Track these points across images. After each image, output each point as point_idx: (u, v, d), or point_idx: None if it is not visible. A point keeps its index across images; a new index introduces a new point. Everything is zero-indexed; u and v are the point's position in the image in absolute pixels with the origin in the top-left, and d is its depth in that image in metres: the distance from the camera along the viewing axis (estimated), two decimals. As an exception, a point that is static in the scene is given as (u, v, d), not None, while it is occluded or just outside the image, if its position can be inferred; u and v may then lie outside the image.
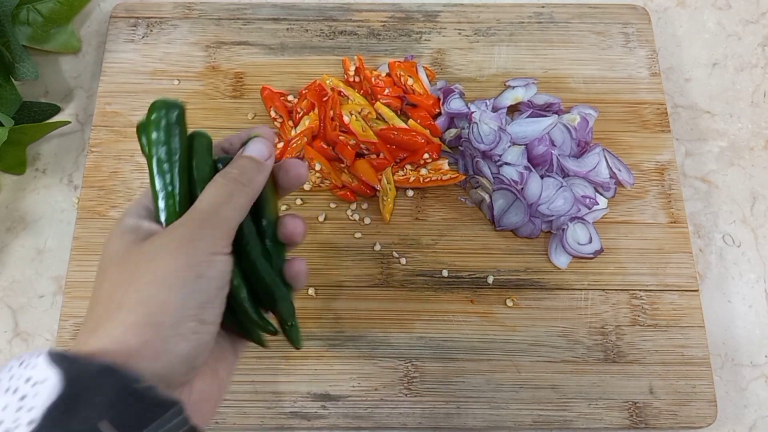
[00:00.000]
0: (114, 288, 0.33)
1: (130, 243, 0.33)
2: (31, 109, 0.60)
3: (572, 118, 0.56)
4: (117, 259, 0.34)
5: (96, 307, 0.33)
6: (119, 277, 0.33)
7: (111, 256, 0.34)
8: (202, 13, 0.63)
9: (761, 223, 0.59)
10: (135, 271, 0.32)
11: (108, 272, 0.34)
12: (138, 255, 0.33)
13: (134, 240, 0.33)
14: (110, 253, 0.34)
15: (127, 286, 0.32)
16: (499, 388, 0.51)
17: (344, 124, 0.55)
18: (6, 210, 0.58)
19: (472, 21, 0.63)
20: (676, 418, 0.50)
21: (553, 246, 0.54)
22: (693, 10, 0.67)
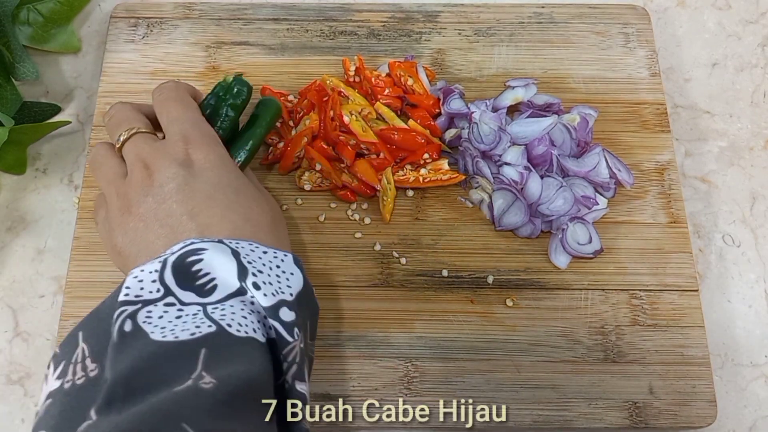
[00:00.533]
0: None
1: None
2: (31, 109, 0.60)
3: (572, 118, 0.56)
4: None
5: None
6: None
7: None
8: (202, 14, 0.63)
9: (761, 223, 0.59)
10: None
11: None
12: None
13: (237, 168, 0.47)
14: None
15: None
16: (499, 388, 0.51)
17: (344, 124, 0.55)
18: (6, 210, 0.58)
19: (472, 21, 0.63)
20: (676, 418, 0.50)
21: (553, 246, 0.54)
22: (693, 10, 0.67)
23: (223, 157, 0.45)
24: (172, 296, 0.36)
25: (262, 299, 0.37)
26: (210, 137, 0.45)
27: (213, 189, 0.43)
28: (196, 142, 0.44)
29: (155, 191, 0.42)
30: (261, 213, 0.44)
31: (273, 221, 0.45)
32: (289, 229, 0.55)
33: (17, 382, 0.53)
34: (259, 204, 0.44)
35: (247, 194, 0.44)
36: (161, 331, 0.35)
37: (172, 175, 0.43)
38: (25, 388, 0.53)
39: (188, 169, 0.43)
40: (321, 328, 0.52)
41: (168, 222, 0.42)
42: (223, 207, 0.42)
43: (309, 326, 0.41)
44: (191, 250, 0.38)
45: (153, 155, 0.44)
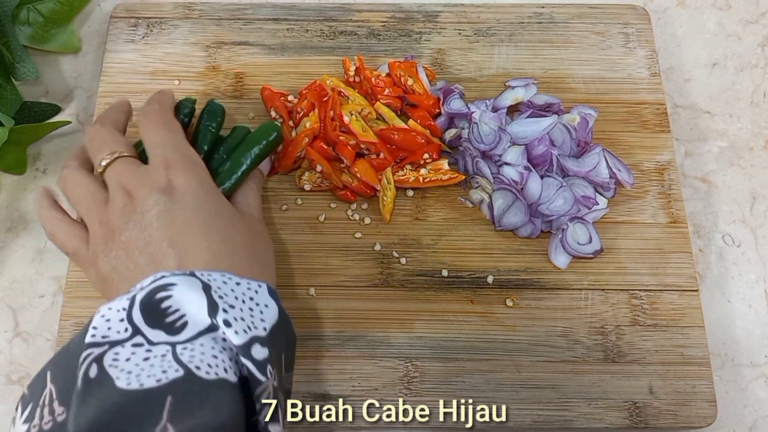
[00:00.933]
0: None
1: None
2: (31, 109, 0.60)
3: (572, 118, 0.56)
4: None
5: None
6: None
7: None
8: (202, 14, 0.63)
9: (761, 223, 0.59)
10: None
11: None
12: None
13: (218, 193, 0.47)
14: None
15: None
16: (499, 388, 0.51)
17: (344, 124, 0.55)
18: (6, 210, 0.58)
19: (472, 21, 0.63)
20: (676, 418, 0.50)
21: (553, 246, 0.54)
22: (693, 10, 0.67)
23: (204, 181, 0.45)
24: (140, 335, 0.35)
25: (234, 337, 0.36)
26: (191, 161, 0.45)
27: (192, 215, 0.42)
28: (177, 167, 0.44)
29: (136, 218, 0.42)
30: (240, 236, 0.43)
31: (253, 244, 0.44)
32: (289, 229, 0.56)
33: (17, 382, 0.53)
34: (238, 227, 0.44)
35: (225, 218, 0.44)
36: (127, 377, 0.33)
37: (153, 203, 0.42)
38: (25, 388, 0.52)
39: (169, 196, 0.42)
40: (321, 328, 0.52)
41: (148, 250, 0.41)
42: (202, 233, 0.42)
43: (284, 358, 0.40)
44: (160, 286, 0.37)
45: (134, 181, 0.44)
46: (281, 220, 0.56)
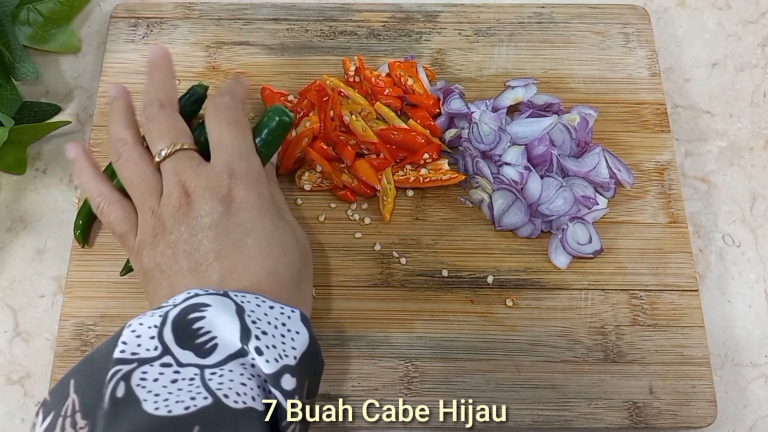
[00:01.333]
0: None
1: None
2: (31, 109, 0.60)
3: (572, 118, 0.56)
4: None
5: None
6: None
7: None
8: (202, 14, 0.63)
9: (761, 223, 0.59)
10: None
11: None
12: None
13: (276, 211, 0.45)
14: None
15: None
16: (499, 388, 0.51)
17: (344, 124, 0.55)
18: (6, 210, 0.58)
19: (472, 21, 0.63)
20: (676, 418, 0.50)
21: (553, 246, 0.54)
22: (693, 10, 0.67)
23: (264, 197, 0.43)
24: (169, 355, 0.35)
25: (264, 366, 0.35)
26: (255, 173, 0.44)
27: (246, 233, 0.41)
28: (240, 178, 0.43)
29: (190, 221, 0.41)
30: (288, 265, 0.42)
31: (299, 273, 0.43)
32: (289, 229, 0.55)
33: (17, 382, 0.53)
34: (289, 254, 0.43)
35: (279, 242, 0.42)
36: (155, 400, 0.33)
37: (210, 210, 0.41)
38: (25, 388, 0.53)
39: (227, 207, 0.42)
40: (321, 328, 0.52)
41: (194, 257, 0.41)
42: (251, 255, 0.41)
43: (308, 384, 0.39)
44: (194, 305, 0.36)
45: (194, 182, 0.43)
46: (281, 220, 0.56)
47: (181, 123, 0.47)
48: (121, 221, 0.45)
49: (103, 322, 0.52)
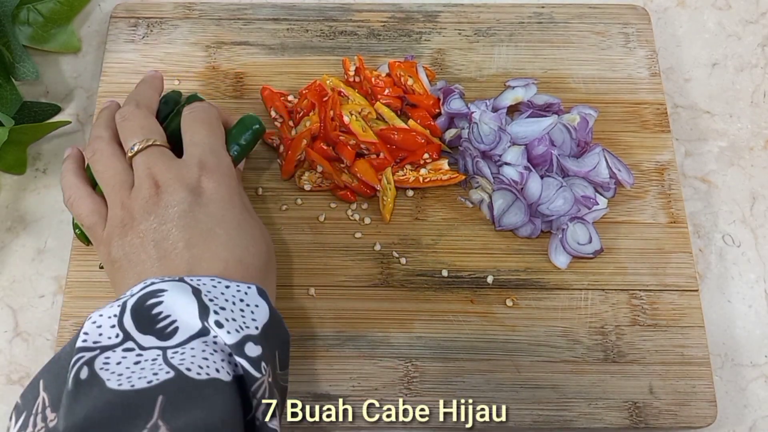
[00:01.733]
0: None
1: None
2: (31, 109, 0.60)
3: (572, 118, 0.56)
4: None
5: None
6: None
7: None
8: (202, 14, 0.63)
9: (761, 223, 0.59)
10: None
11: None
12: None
13: (246, 203, 0.47)
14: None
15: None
16: (499, 388, 0.51)
17: (344, 124, 0.55)
18: (6, 210, 0.58)
19: (472, 21, 0.63)
20: (676, 418, 0.50)
21: (553, 246, 0.54)
22: (693, 10, 0.68)
23: (233, 190, 0.45)
24: (131, 341, 0.35)
25: (226, 337, 0.36)
26: (226, 168, 0.45)
27: (215, 223, 0.42)
28: (210, 171, 0.44)
29: (159, 211, 0.42)
30: (256, 255, 0.43)
31: (266, 264, 0.44)
32: (289, 229, 0.56)
33: (17, 382, 0.53)
34: (257, 245, 0.44)
35: (247, 233, 0.44)
36: (117, 379, 0.34)
37: (179, 200, 0.42)
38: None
39: (196, 197, 0.43)
40: (321, 328, 0.52)
41: (163, 245, 0.41)
42: (220, 244, 0.42)
43: (279, 356, 0.40)
44: (151, 292, 0.37)
45: (165, 174, 0.44)
46: (281, 220, 0.56)
47: (154, 123, 0.48)
48: (90, 213, 0.46)
49: (103, 322, 0.52)
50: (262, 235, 0.45)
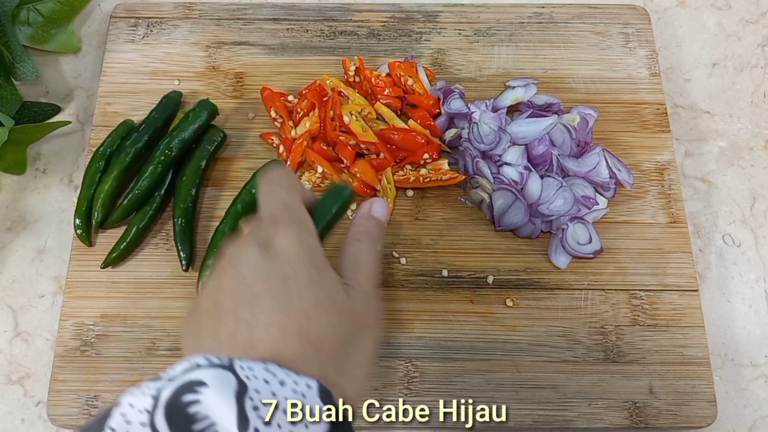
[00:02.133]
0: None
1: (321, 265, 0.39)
2: (31, 109, 0.60)
3: (572, 118, 0.56)
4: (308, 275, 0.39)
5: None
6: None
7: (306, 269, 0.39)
8: (202, 13, 0.63)
9: (761, 223, 0.59)
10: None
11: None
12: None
13: (324, 264, 0.40)
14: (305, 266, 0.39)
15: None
16: (499, 388, 0.51)
17: (344, 124, 0.55)
18: (6, 210, 0.58)
19: (472, 21, 0.63)
20: (676, 418, 0.50)
21: (553, 246, 0.54)
22: (693, 10, 0.67)
23: (307, 247, 0.40)
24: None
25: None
26: (299, 222, 0.41)
27: (280, 282, 0.38)
28: (282, 225, 0.40)
29: (229, 268, 0.39)
30: (320, 324, 0.37)
31: (336, 337, 0.38)
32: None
33: (17, 382, 0.53)
34: (329, 314, 0.38)
35: (311, 296, 0.38)
36: None
37: (248, 255, 0.39)
38: (25, 388, 0.53)
39: (265, 253, 0.39)
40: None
41: (222, 304, 0.38)
42: (281, 308, 0.37)
43: None
44: (189, 384, 0.33)
45: (245, 230, 0.41)
46: (281, 220, 0.56)
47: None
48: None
49: (102, 322, 0.52)
50: (336, 301, 0.39)
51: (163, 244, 0.55)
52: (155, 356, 0.52)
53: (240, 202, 0.54)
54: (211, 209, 0.56)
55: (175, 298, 0.53)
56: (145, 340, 0.52)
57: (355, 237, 0.43)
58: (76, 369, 0.51)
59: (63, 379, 0.51)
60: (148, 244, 0.55)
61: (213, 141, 0.57)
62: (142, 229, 0.54)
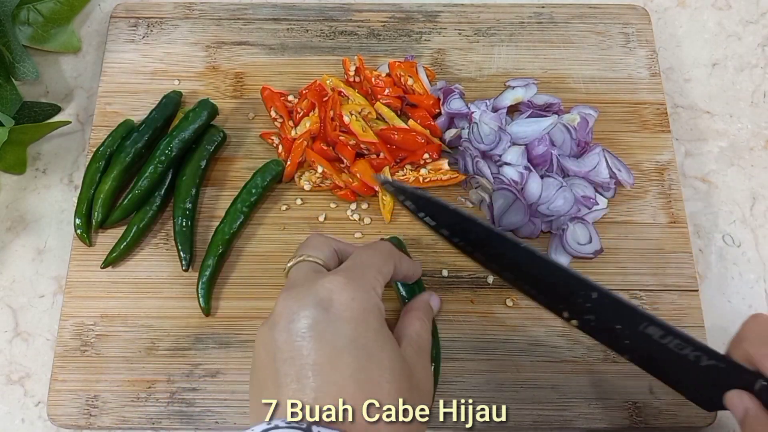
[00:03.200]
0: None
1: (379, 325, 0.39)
2: (31, 109, 0.60)
3: (572, 118, 0.56)
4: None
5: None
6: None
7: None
8: (202, 13, 0.63)
9: (761, 223, 0.59)
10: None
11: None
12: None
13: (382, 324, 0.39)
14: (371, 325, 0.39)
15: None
16: (499, 388, 0.51)
17: (344, 124, 0.55)
18: (6, 210, 0.58)
19: (472, 21, 0.63)
20: (675, 418, 0.50)
21: (553, 246, 0.54)
22: (693, 10, 0.67)
23: (369, 308, 0.39)
24: None
25: None
26: (367, 282, 0.40)
27: (342, 346, 0.36)
28: (346, 283, 0.38)
29: (287, 326, 0.37)
30: (392, 391, 0.38)
31: (405, 401, 0.38)
32: (289, 229, 0.55)
33: (17, 382, 0.53)
34: (393, 379, 0.38)
35: (381, 363, 0.37)
36: None
37: (306, 314, 0.37)
38: (25, 388, 0.53)
39: (324, 313, 0.37)
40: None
41: (282, 369, 0.37)
42: (346, 374, 0.36)
43: None
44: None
45: (302, 288, 0.39)
46: (281, 220, 0.56)
47: (324, 246, 0.44)
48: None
49: (103, 322, 0.53)
50: (399, 367, 0.38)
51: (163, 244, 0.55)
52: (155, 356, 0.52)
53: (240, 201, 0.54)
54: (211, 209, 0.56)
55: (175, 298, 0.53)
56: (145, 340, 0.52)
57: (414, 308, 0.45)
58: (76, 369, 0.51)
59: (63, 379, 0.51)
60: (148, 244, 0.55)
61: (213, 141, 0.57)
62: (142, 229, 0.54)
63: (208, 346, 0.52)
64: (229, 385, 0.51)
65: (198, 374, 0.51)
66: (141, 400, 0.50)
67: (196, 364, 0.51)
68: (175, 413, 0.50)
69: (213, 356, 0.52)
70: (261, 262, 0.55)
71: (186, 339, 0.52)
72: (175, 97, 0.58)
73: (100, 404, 0.50)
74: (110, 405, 0.50)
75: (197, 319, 0.53)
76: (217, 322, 0.53)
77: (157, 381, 0.51)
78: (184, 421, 0.50)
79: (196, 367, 0.51)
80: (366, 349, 0.37)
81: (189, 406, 0.50)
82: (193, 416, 0.50)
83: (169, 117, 0.58)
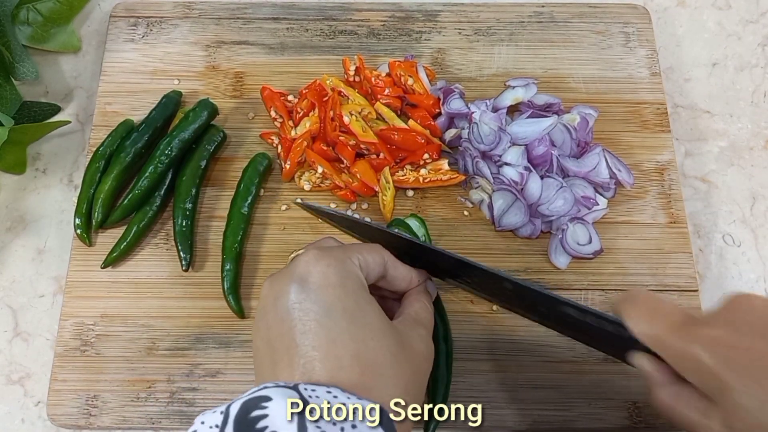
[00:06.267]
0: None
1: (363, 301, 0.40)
2: (31, 108, 0.60)
3: (572, 118, 0.56)
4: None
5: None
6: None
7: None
8: (202, 13, 0.63)
9: (761, 223, 0.59)
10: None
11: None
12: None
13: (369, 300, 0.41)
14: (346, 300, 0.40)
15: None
16: (499, 388, 0.51)
17: (344, 124, 0.55)
18: (6, 210, 0.58)
19: (472, 21, 0.63)
20: (675, 418, 0.50)
21: (552, 246, 0.54)
22: (693, 10, 0.67)
23: (345, 274, 0.40)
24: None
25: None
26: (340, 254, 0.41)
27: (324, 313, 0.38)
28: (320, 255, 0.40)
29: (273, 307, 0.39)
30: (378, 349, 0.38)
31: (394, 360, 0.39)
32: (289, 229, 0.55)
33: (17, 382, 0.53)
34: (378, 337, 0.39)
35: (364, 323, 0.39)
36: None
37: (287, 290, 0.39)
38: (25, 388, 0.53)
39: (302, 285, 0.39)
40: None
41: (273, 344, 0.38)
42: (330, 338, 0.37)
43: None
44: (257, 399, 0.34)
45: (282, 270, 0.41)
46: (281, 220, 0.56)
47: (329, 240, 0.46)
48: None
49: (103, 321, 0.53)
50: (385, 328, 0.40)
51: (163, 244, 0.55)
52: (155, 356, 0.52)
53: (240, 201, 0.54)
54: (211, 209, 0.56)
55: (174, 298, 0.53)
56: (145, 340, 0.52)
57: (413, 292, 0.46)
58: (76, 369, 0.51)
59: (63, 379, 0.51)
60: (148, 244, 0.55)
61: (213, 141, 0.57)
62: (142, 229, 0.54)
63: (208, 346, 0.52)
64: (229, 385, 0.51)
65: (198, 374, 0.51)
66: (141, 400, 0.50)
67: (196, 364, 0.51)
68: (175, 413, 0.50)
69: (213, 356, 0.52)
70: (261, 262, 0.55)
71: (186, 339, 0.52)
72: (174, 97, 0.58)
73: (100, 404, 0.50)
74: (110, 405, 0.50)
75: (197, 319, 0.53)
76: (217, 322, 0.53)
77: (157, 381, 0.51)
78: (184, 421, 0.50)
79: (196, 367, 0.51)
80: (347, 311, 0.39)
81: (189, 406, 0.50)
82: (193, 416, 0.50)
83: (169, 117, 0.58)
